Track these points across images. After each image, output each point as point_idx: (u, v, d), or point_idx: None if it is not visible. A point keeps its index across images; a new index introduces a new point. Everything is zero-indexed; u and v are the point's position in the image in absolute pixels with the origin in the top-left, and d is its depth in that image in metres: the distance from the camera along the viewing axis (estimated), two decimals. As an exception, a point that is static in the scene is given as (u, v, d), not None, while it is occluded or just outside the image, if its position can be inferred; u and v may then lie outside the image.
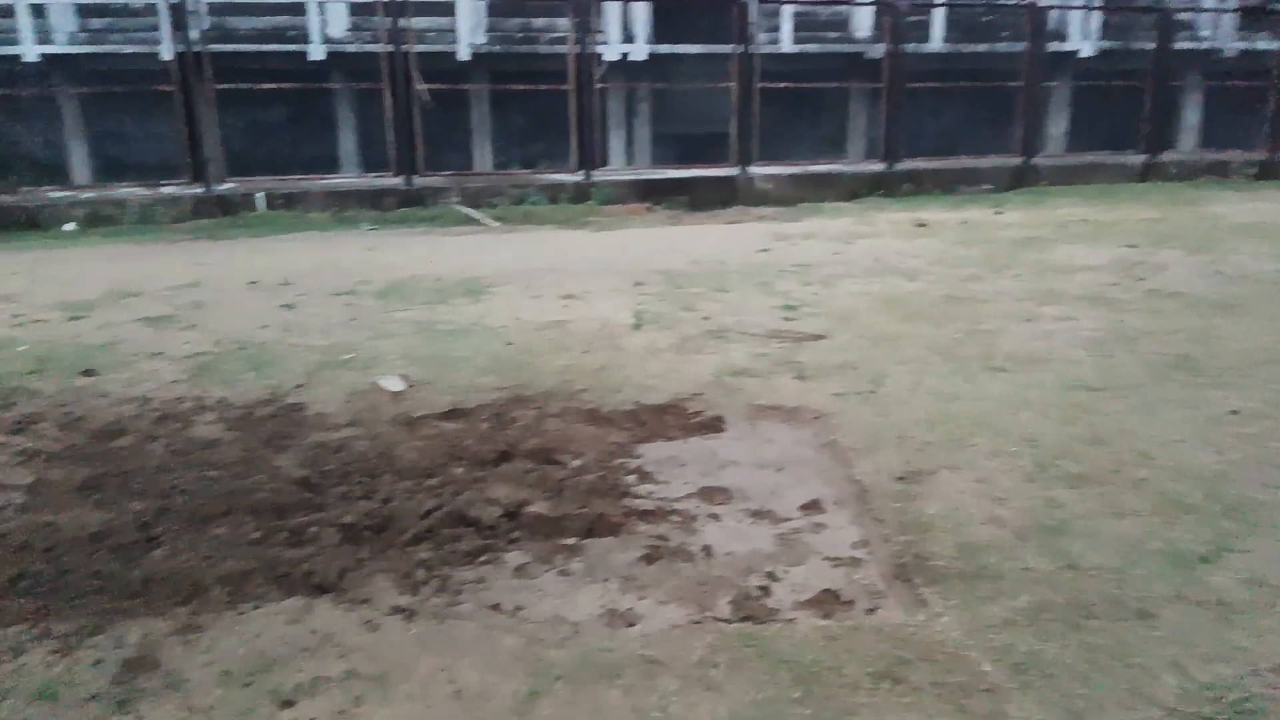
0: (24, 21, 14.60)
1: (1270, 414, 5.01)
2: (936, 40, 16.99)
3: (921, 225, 11.11)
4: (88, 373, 5.82)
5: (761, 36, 15.49)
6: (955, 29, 17.35)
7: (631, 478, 4.28)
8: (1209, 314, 6.84)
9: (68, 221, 12.18)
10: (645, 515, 3.92)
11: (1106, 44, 17.40)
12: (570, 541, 3.73)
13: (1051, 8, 16.53)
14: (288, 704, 2.77)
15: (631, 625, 3.18)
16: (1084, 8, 17.06)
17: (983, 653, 3.09)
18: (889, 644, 3.11)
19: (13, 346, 6.46)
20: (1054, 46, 16.83)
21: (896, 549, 3.66)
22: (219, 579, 3.38)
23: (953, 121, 18.33)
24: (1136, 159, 16.02)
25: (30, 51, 14.70)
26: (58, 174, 15.72)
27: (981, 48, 17.29)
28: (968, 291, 7.51)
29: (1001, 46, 17.17)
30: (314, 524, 3.77)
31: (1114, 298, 7.27)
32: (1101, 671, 3.01)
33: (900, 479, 4.22)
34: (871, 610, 3.30)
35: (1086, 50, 17.33)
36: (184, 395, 5.41)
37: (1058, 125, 18.34)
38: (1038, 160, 15.81)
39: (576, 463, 4.42)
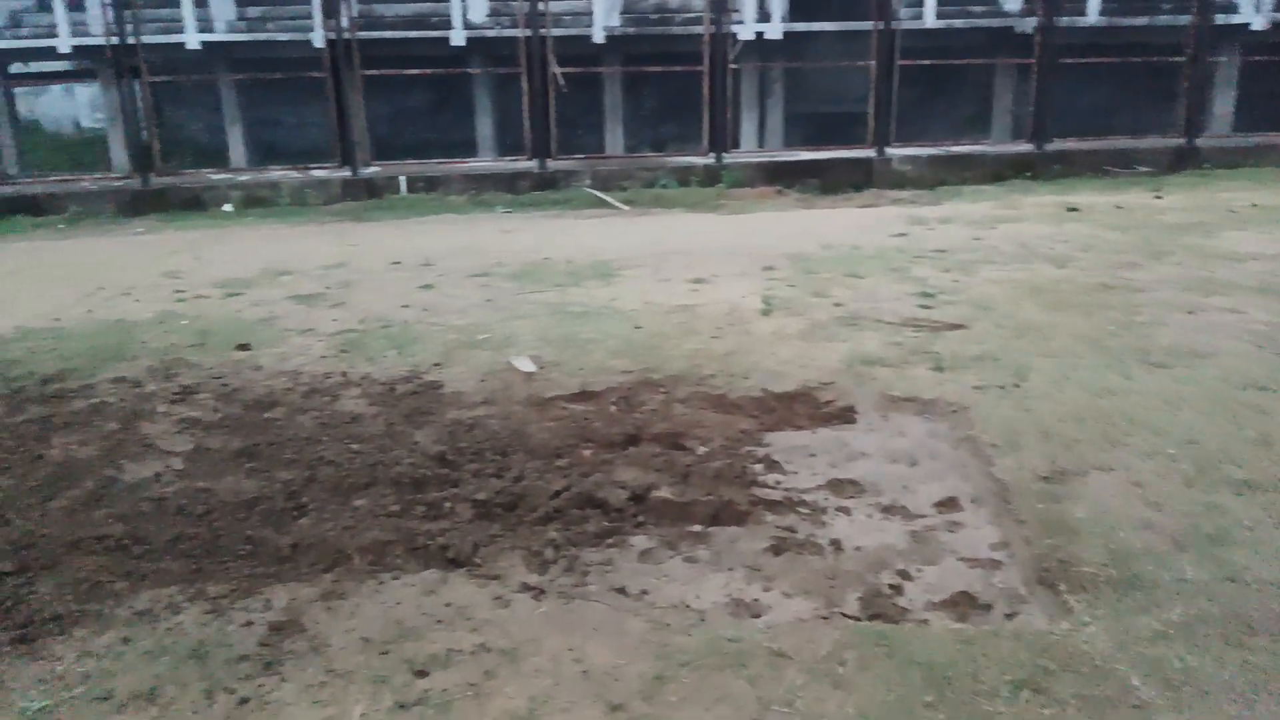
0: (187, 10, 15.51)
1: None
2: (1092, 13, 16.03)
3: (1072, 209, 10.54)
4: (243, 347, 6.15)
5: (903, 12, 14.97)
6: (1112, 0, 16.34)
7: (759, 466, 4.23)
8: (1399, 309, 6.25)
9: (226, 202, 12.92)
10: (772, 505, 3.87)
11: (1281, 15, 16.04)
12: (696, 528, 3.72)
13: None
14: (422, 673, 2.86)
15: (758, 616, 3.15)
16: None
17: (1132, 666, 2.92)
18: (1030, 652, 2.97)
19: (176, 320, 6.90)
20: (1221, 19, 15.63)
21: (1040, 552, 3.49)
22: (360, 548, 3.52)
23: (1107, 100, 17.29)
24: (1315, 139, 14.74)
25: (192, 39, 15.60)
26: (217, 157, 16.69)
27: (1141, 20, 16.22)
28: (1122, 280, 7.08)
29: (1163, 19, 16.06)
30: (449, 499, 3.88)
31: (1287, 289, 6.73)
32: (1264, 692, 2.80)
33: (1045, 478, 4.03)
34: (1011, 615, 3.17)
35: (1258, 23, 16.02)
36: (331, 370, 5.66)
37: (1224, 104, 17.04)
38: (1201, 141, 14.76)
39: (703, 449, 4.39)
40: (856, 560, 3.48)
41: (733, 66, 14.24)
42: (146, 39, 13.62)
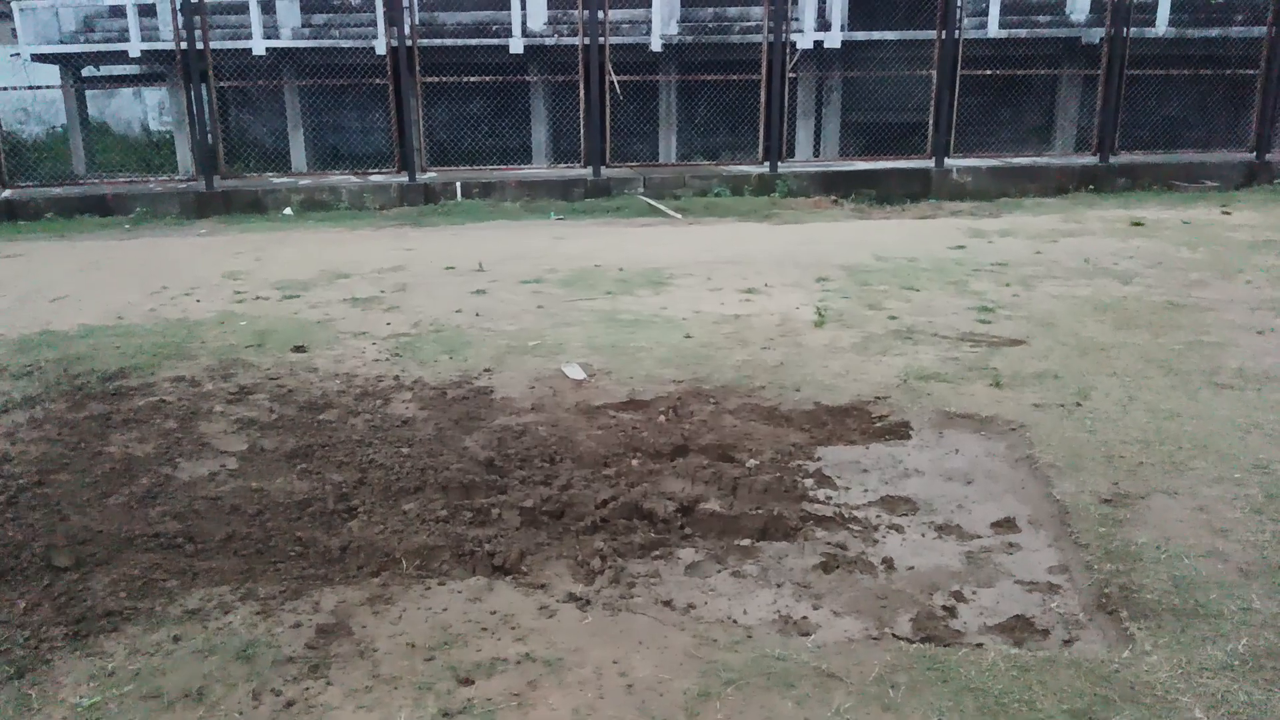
0: (254, 17, 15.88)
1: None
2: (1161, 24, 15.65)
3: (1138, 224, 10.27)
4: (299, 349, 6.24)
5: (966, 21, 14.75)
6: (1183, 11, 15.93)
7: (809, 481, 4.16)
8: None
9: (286, 206, 13.15)
10: (823, 521, 3.80)
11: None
12: (744, 542, 3.67)
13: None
14: (467, 681, 2.85)
15: (806, 634, 3.09)
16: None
17: (1195, 698, 2.82)
18: (1088, 680, 2.88)
19: (235, 321, 7.03)
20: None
21: (1100, 578, 3.38)
22: (408, 552, 3.53)
23: (1175, 113, 16.87)
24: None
25: (258, 46, 15.96)
26: (280, 161, 17.03)
27: (1213, 32, 15.80)
28: (1191, 298, 6.87)
29: (1236, 30, 15.62)
30: (496, 505, 3.88)
31: (1368, 311, 6.47)
32: (1342, 736, 2.67)
33: (1107, 502, 3.90)
34: (1070, 642, 3.07)
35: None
36: (384, 374, 5.71)
37: (1299, 116, 16.52)
38: (1272, 156, 14.30)
39: (753, 461, 4.34)
40: (909, 580, 3.40)
41: (790, 75, 14.15)
42: (214, 44, 13.95)
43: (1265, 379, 5.22)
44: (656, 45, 16.01)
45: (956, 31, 13.58)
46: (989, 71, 14.37)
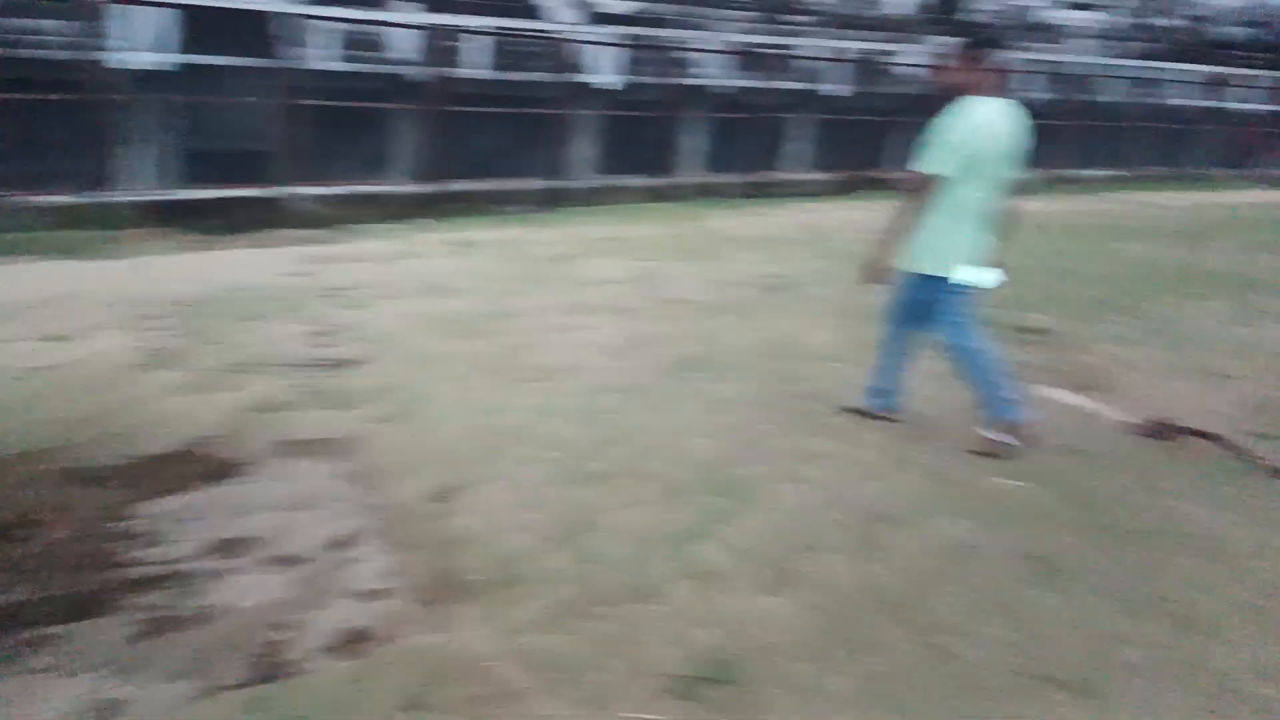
0: None
1: (759, 401, 5.79)
2: (480, 67, 17.49)
3: (465, 245, 11.31)
4: None
5: (310, 52, 14.78)
6: (498, 56, 18.00)
7: (131, 542, 3.78)
8: (711, 317, 7.73)
9: None
10: (145, 584, 3.49)
11: (631, 78, 19.14)
12: (48, 631, 3.19)
13: (570, 41, 17.81)
14: None
15: (118, 717, 2.79)
16: (596, 43, 18.56)
17: (510, 659, 3.18)
18: (419, 670, 3.08)
19: None
20: (586, 78, 18.15)
21: (431, 570, 3.64)
22: None
23: (496, 144, 18.98)
24: (652, 181, 17.85)
25: None
26: None
27: (523, 76, 18.13)
28: (506, 307, 7.75)
29: (542, 76, 18.14)
30: None
31: (633, 307, 7.94)
32: (612, 655, 3.24)
33: (436, 498, 4.22)
34: (402, 639, 3.24)
35: (614, 83, 18.95)
36: None
37: (589, 150, 19.80)
38: (570, 182, 16.94)
39: (61, 534, 3.81)
40: (241, 623, 3.28)
41: (121, 98, 12.81)
42: None
43: (563, 370, 6.11)
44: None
45: (291, 61, 13.57)
46: (327, 102, 14.61)
